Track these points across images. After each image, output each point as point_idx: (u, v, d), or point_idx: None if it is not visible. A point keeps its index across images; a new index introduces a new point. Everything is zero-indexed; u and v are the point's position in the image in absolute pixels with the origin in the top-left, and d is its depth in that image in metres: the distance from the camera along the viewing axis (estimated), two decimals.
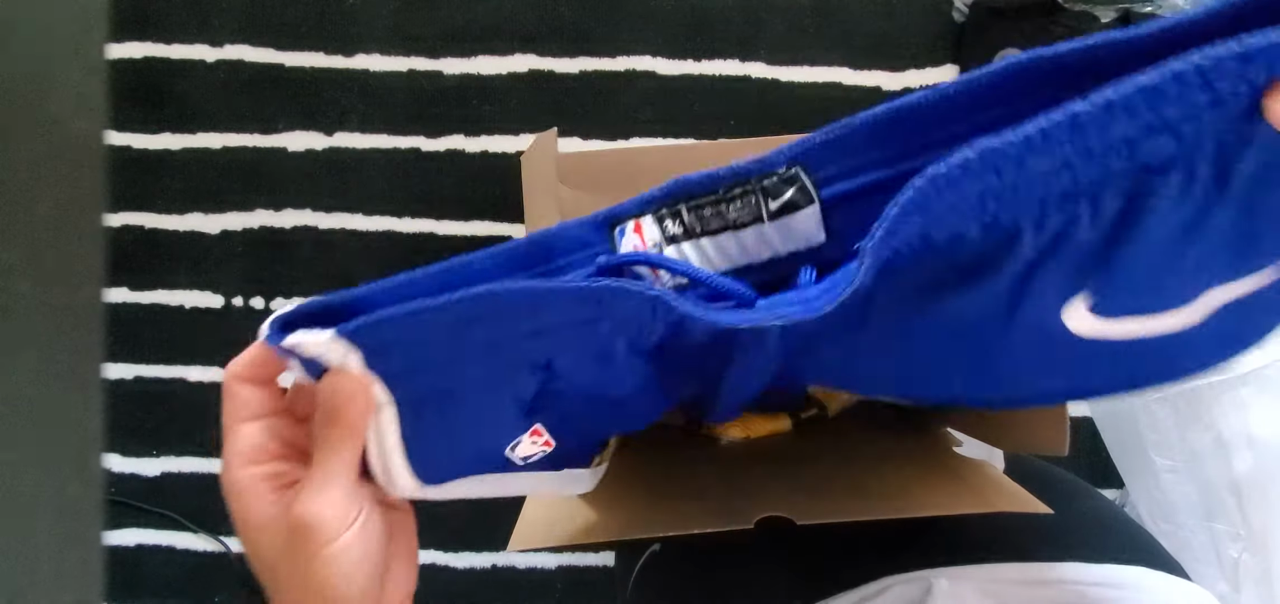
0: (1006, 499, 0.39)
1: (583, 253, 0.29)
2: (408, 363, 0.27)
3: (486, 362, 0.27)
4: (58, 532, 0.32)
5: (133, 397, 0.97)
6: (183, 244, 0.98)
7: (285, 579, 0.28)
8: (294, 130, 0.97)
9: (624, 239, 0.29)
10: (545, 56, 0.96)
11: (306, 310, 0.28)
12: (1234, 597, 0.71)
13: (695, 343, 0.29)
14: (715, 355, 0.32)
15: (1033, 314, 0.28)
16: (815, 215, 0.28)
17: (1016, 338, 0.29)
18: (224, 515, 1.01)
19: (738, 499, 0.42)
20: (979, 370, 0.32)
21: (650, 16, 0.96)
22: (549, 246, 0.29)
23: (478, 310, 0.25)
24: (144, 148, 0.97)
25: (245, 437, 0.28)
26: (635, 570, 0.53)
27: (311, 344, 0.27)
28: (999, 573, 0.39)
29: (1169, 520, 0.78)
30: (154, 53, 0.97)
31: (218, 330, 0.97)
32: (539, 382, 0.29)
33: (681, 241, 0.29)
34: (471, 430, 0.30)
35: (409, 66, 0.97)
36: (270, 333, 0.28)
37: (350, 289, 0.27)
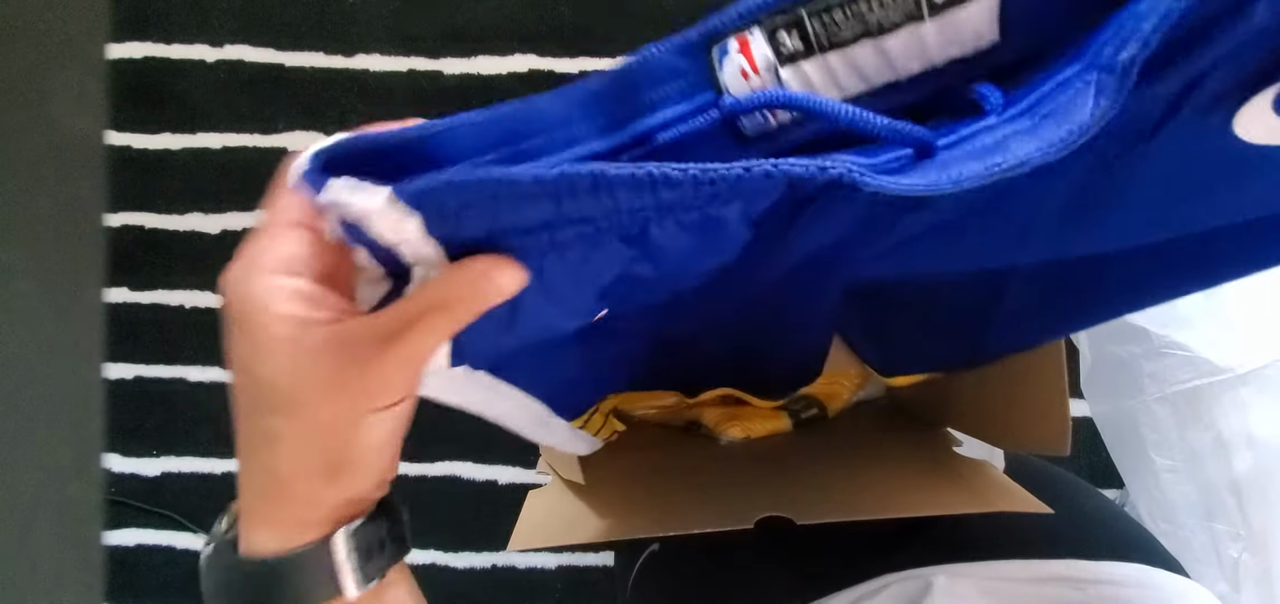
0: (1006, 499, 0.39)
1: (675, 84, 0.24)
2: (479, 231, 0.23)
3: (574, 241, 0.23)
4: (58, 532, 0.32)
5: (133, 397, 0.97)
6: (183, 244, 0.98)
7: (313, 423, 0.24)
8: (294, 130, 0.97)
9: (727, 63, 0.23)
10: (545, 56, 0.96)
11: (351, 148, 0.22)
12: (1234, 596, 0.71)
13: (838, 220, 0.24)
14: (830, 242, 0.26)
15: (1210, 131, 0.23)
16: (990, 3, 0.21)
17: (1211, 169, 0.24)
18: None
19: (738, 499, 0.42)
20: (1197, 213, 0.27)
21: (650, 16, 0.96)
22: (633, 82, 0.24)
23: (574, 188, 0.21)
24: (144, 148, 0.97)
25: (287, 243, 0.23)
26: (634, 570, 0.53)
27: (360, 204, 0.22)
28: (998, 570, 0.39)
29: (1169, 520, 0.78)
30: (154, 53, 0.97)
31: (218, 330, 0.97)
32: (626, 260, 0.24)
33: (802, 60, 0.23)
34: (535, 315, 0.25)
35: (409, 66, 0.97)
36: (308, 171, 0.23)
37: (401, 128, 0.22)
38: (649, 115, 0.24)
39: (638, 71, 0.23)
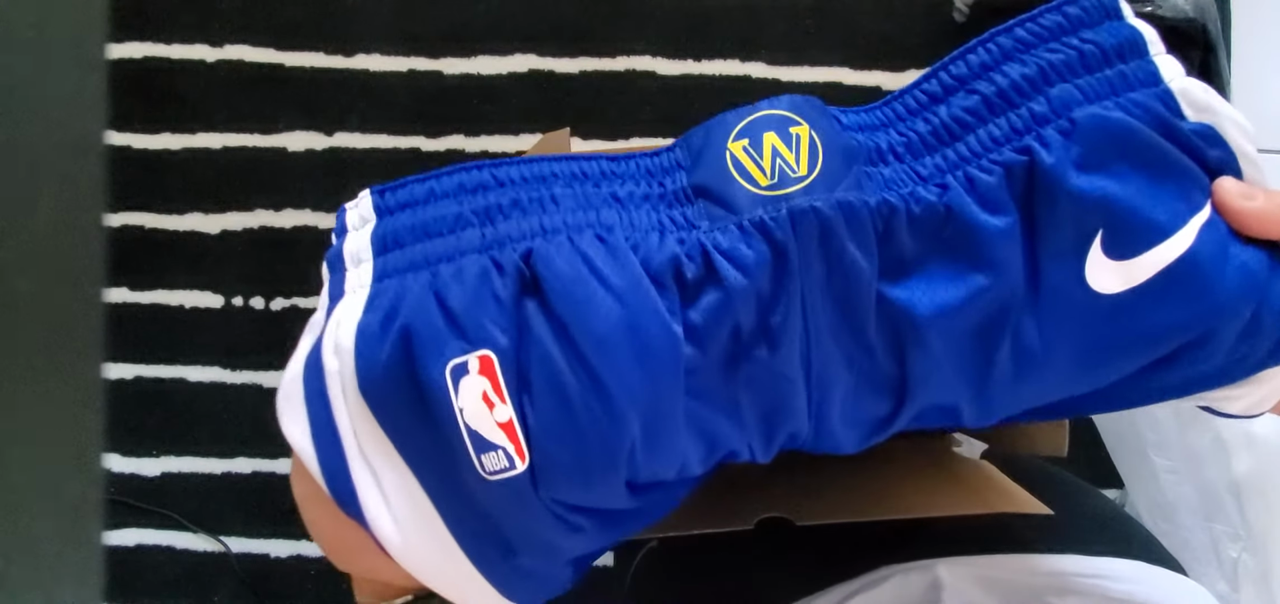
0: (1006, 500, 0.39)
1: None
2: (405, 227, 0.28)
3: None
4: (58, 532, 0.32)
5: (133, 397, 0.97)
6: (183, 244, 0.98)
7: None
8: (294, 130, 0.97)
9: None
10: (545, 56, 0.96)
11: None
12: (1233, 596, 0.71)
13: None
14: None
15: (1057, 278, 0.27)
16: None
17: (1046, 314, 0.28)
18: (224, 515, 1.01)
19: (737, 499, 0.42)
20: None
21: (650, 16, 0.96)
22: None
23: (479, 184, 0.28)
24: (144, 148, 0.97)
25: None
26: (633, 566, 0.53)
27: (360, 209, 0.29)
28: (997, 563, 0.39)
29: (1169, 520, 0.78)
30: (154, 53, 0.97)
31: (218, 330, 0.97)
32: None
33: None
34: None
35: (409, 66, 0.97)
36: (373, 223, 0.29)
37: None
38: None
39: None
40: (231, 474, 0.97)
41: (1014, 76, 0.28)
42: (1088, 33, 0.29)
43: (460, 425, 0.25)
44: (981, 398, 0.30)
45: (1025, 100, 0.28)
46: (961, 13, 0.94)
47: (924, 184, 0.28)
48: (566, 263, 0.26)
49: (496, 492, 0.26)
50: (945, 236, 0.27)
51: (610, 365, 0.25)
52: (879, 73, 0.96)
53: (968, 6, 0.93)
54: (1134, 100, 0.27)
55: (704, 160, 0.28)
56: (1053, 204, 0.27)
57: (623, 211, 0.28)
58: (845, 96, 0.96)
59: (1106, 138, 0.27)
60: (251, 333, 0.97)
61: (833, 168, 0.27)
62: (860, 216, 0.26)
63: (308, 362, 0.27)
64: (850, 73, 0.96)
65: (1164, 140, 0.27)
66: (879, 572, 0.40)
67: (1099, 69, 0.28)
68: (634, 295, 0.26)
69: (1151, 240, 0.27)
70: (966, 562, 0.39)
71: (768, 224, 0.26)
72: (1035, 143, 0.27)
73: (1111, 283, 0.27)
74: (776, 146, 0.27)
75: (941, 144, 0.28)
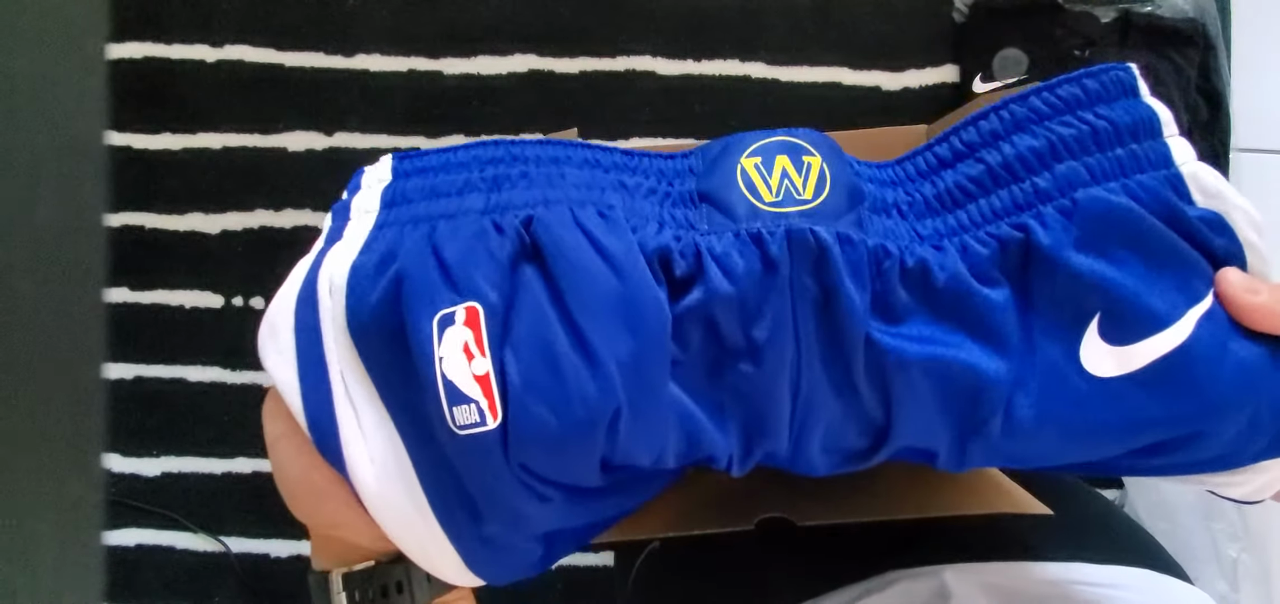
0: (1006, 500, 0.39)
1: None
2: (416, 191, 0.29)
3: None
4: (58, 532, 0.32)
5: (133, 397, 0.97)
6: (183, 244, 0.98)
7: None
8: (294, 130, 0.97)
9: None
10: (545, 56, 0.96)
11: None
12: (1233, 597, 0.71)
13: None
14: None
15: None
16: None
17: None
18: (224, 515, 1.01)
19: (738, 500, 0.42)
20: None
21: (650, 16, 0.96)
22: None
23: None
24: (144, 148, 0.97)
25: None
26: (635, 568, 0.53)
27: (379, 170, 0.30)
28: (1002, 571, 0.39)
29: (1168, 520, 0.78)
30: (154, 53, 0.97)
31: (218, 330, 0.97)
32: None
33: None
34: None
35: (409, 66, 0.97)
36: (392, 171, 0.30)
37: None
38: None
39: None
40: (231, 474, 0.97)
41: (1021, 149, 0.28)
42: (1103, 108, 0.28)
43: (437, 374, 0.25)
44: (961, 452, 0.30)
45: (1030, 174, 0.28)
46: (961, 13, 0.94)
47: (922, 243, 0.28)
48: (566, 231, 0.26)
49: (466, 447, 0.26)
50: (938, 297, 0.28)
51: (601, 331, 0.25)
52: (879, 73, 0.96)
53: (967, 6, 0.93)
54: (1141, 183, 0.27)
55: (715, 170, 0.29)
56: (1051, 280, 0.27)
57: (627, 197, 0.28)
58: (845, 96, 0.96)
59: (1107, 221, 0.27)
60: (252, 333, 0.95)
61: (837, 201, 0.27)
62: (857, 252, 0.27)
63: (301, 295, 0.28)
64: (850, 73, 0.96)
65: (1166, 228, 0.27)
66: (884, 576, 0.40)
67: (1110, 147, 0.28)
68: (629, 266, 0.26)
69: (1148, 329, 0.27)
70: (973, 568, 0.39)
71: (764, 237, 0.27)
72: (1033, 221, 0.27)
73: (1106, 366, 0.27)
74: (787, 169, 0.28)
75: (944, 209, 0.29)
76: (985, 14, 0.91)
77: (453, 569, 0.29)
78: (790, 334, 0.27)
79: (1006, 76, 0.89)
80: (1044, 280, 0.27)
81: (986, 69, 0.90)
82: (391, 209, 0.28)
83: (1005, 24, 0.90)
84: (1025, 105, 0.29)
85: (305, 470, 0.28)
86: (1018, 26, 0.89)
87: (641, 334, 0.26)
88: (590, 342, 0.25)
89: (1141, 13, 0.85)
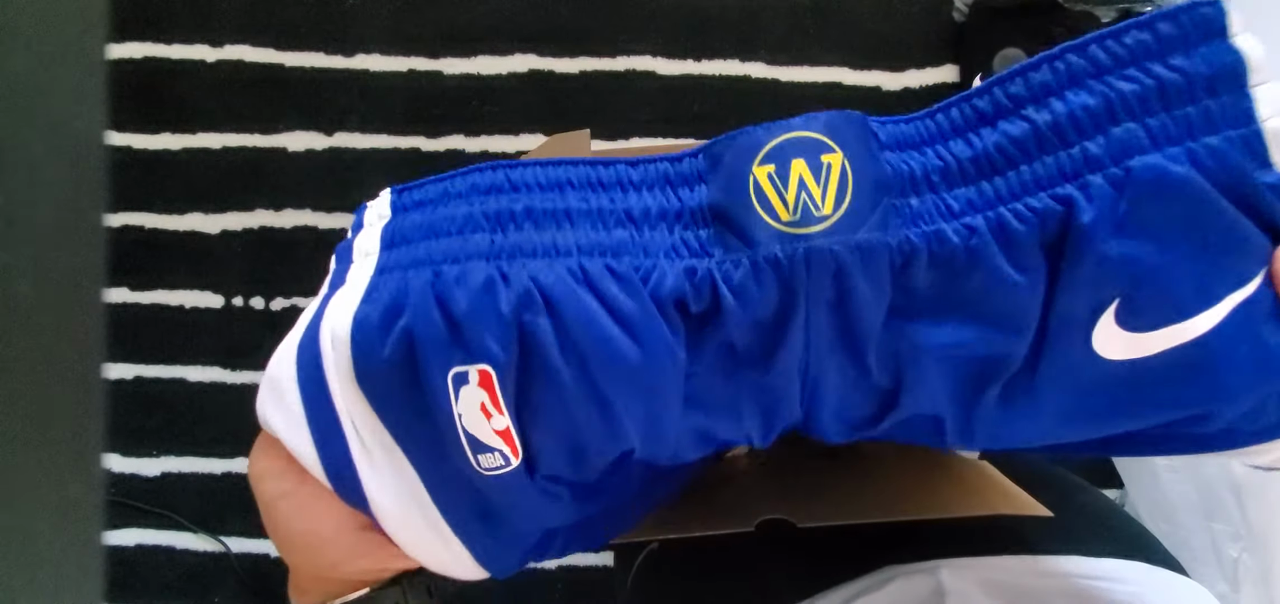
0: (1006, 501, 0.39)
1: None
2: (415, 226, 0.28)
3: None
4: (58, 532, 0.32)
5: (133, 397, 0.97)
6: (183, 244, 0.98)
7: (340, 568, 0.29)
8: (294, 130, 0.97)
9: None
10: (545, 56, 0.96)
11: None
12: (1233, 596, 0.71)
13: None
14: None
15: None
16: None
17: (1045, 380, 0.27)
18: (224, 515, 1.01)
19: (738, 501, 0.42)
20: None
21: (650, 16, 0.96)
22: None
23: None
24: (144, 148, 0.97)
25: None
26: (634, 568, 0.53)
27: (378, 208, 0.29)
28: (1000, 565, 0.39)
29: (1168, 520, 0.78)
30: (154, 53, 0.97)
31: (218, 330, 0.97)
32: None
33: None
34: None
35: (409, 66, 0.97)
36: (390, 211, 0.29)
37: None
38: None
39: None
40: (231, 474, 0.97)
41: (1074, 106, 0.25)
42: (1178, 58, 0.25)
43: (459, 429, 0.26)
44: (967, 423, 0.29)
45: (1081, 138, 0.25)
46: (961, 12, 0.94)
47: (952, 220, 0.26)
48: (580, 295, 0.25)
49: (491, 483, 0.27)
50: (962, 280, 0.26)
51: (621, 398, 0.26)
52: (879, 73, 0.96)
53: (967, 6, 0.93)
54: (1210, 147, 0.24)
55: (726, 179, 0.26)
56: (1077, 266, 0.25)
57: (636, 233, 0.27)
58: (845, 97, 0.96)
59: (1159, 196, 0.24)
60: (251, 333, 0.97)
61: (860, 205, 0.25)
62: (878, 257, 0.25)
63: (301, 348, 0.27)
64: (850, 73, 0.96)
65: (1226, 203, 0.24)
66: (882, 573, 0.40)
67: (1179, 105, 0.25)
68: (646, 332, 0.26)
69: (1169, 318, 0.25)
70: (969, 563, 0.39)
71: (781, 262, 0.25)
72: (1078, 193, 0.25)
73: (1116, 350, 0.26)
74: (804, 178, 0.26)
75: (980, 175, 0.26)
76: (985, 14, 0.91)
77: (467, 569, 0.30)
78: (802, 333, 0.27)
79: None
80: (1072, 264, 0.25)
81: (986, 69, 0.90)
82: (392, 250, 0.27)
83: (1005, 24, 0.90)
84: (1084, 55, 0.25)
85: (310, 524, 0.29)
86: (1018, 26, 0.89)
87: (659, 395, 0.27)
88: (610, 403, 0.26)
89: (1141, 13, 0.85)
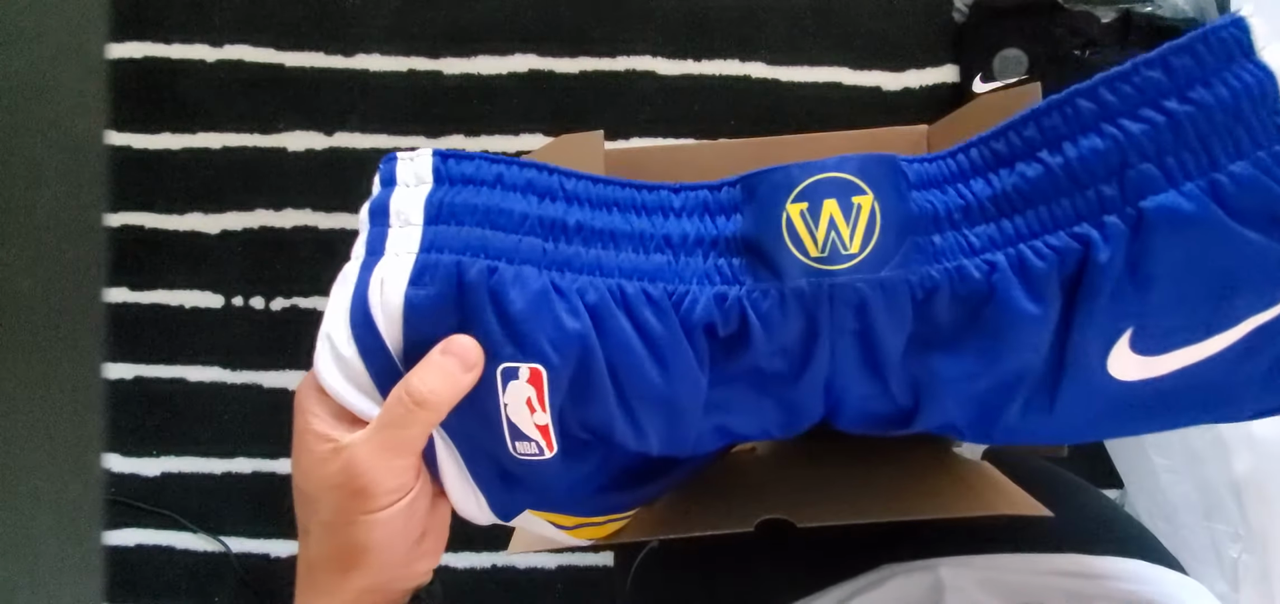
0: (1006, 501, 0.39)
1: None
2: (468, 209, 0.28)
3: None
4: (58, 532, 0.32)
5: (133, 397, 0.97)
6: (183, 244, 0.98)
7: (323, 520, 0.28)
8: (294, 130, 0.97)
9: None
10: (545, 56, 0.96)
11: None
12: (1233, 596, 0.71)
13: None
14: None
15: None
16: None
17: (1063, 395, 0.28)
18: (224, 515, 1.01)
19: (738, 501, 0.42)
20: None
21: (650, 16, 0.96)
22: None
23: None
24: (144, 148, 0.97)
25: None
26: (634, 567, 0.53)
27: (417, 162, 0.28)
28: (998, 562, 0.39)
29: (1168, 520, 0.78)
30: (154, 53, 0.97)
31: (218, 330, 0.97)
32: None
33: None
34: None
35: (409, 66, 0.97)
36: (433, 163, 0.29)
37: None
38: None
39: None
40: (231, 474, 0.97)
41: (1085, 151, 0.25)
42: (1198, 90, 0.24)
43: (502, 416, 0.28)
44: (984, 428, 0.31)
45: (1095, 181, 0.25)
46: (961, 13, 0.94)
47: (973, 256, 0.27)
48: (618, 317, 0.28)
49: (522, 464, 0.30)
50: (982, 313, 0.27)
51: (646, 412, 0.29)
52: (879, 73, 0.96)
53: (967, 6, 0.93)
54: (1233, 175, 0.24)
55: (760, 212, 0.28)
56: (1094, 301, 0.26)
57: (673, 259, 0.29)
58: (845, 96, 0.96)
59: (1172, 234, 0.24)
60: (251, 333, 0.97)
61: (886, 244, 0.27)
62: (899, 292, 0.27)
63: (354, 317, 0.27)
64: (850, 73, 0.96)
65: (1246, 230, 0.24)
66: (881, 571, 0.40)
67: (1198, 138, 0.24)
68: (673, 358, 0.28)
69: (1182, 342, 0.26)
70: (968, 561, 0.39)
71: (806, 296, 0.27)
72: (1094, 232, 0.25)
73: (1131, 372, 0.27)
74: (834, 217, 0.27)
75: (1000, 214, 0.27)
76: (985, 14, 0.91)
77: (479, 513, 0.32)
78: (827, 356, 0.28)
79: (1006, 76, 0.89)
80: (1088, 298, 0.26)
81: (986, 69, 0.90)
82: (439, 225, 0.28)
83: (1005, 24, 0.90)
84: (1093, 99, 0.25)
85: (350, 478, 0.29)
86: (1018, 26, 0.89)
87: (678, 412, 0.30)
88: (639, 420, 0.29)
89: (1142, 13, 0.85)
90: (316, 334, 0.28)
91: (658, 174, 0.34)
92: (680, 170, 0.64)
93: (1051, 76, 0.85)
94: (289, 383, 0.96)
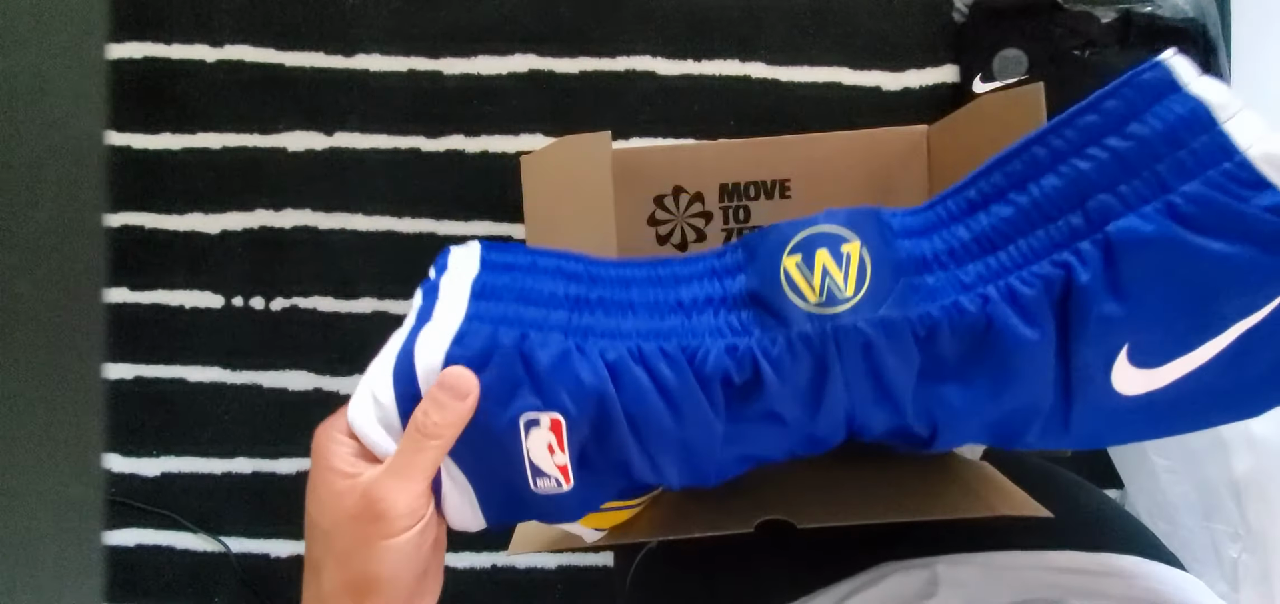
0: (1006, 502, 0.40)
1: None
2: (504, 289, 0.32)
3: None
4: (58, 532, 0.32)
5: (133, 397, 0.97)
6: (183, 244, 0.98)
7: (338, 552, 0.29)
8: (294, 130, 0.97)
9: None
10: (545, 56, 0.96)
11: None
12: (1233, 596, 0.71)
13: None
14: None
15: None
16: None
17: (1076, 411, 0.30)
18: (224, 515, 1.01)
19: (738, 502, 0.42)
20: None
21: (650, 16, 0.96)
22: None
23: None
24: (144, 148, 0.97)
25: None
26: (633, 566, 0.53)
27: (469, 257, 0.32)
28: (997, 560, 0.39)
29: (1168, 520, 0.78)
30: (154, 53, 0.97)
31: (218, 330, 0.97)
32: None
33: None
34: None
35: (409, 66, 0.97)
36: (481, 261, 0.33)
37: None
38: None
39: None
40: (231, 474, 0.97)
41: (1048, 190, 0.28)
42: (1133, 126, 0.27)
43: (526, 458, 0.30)
44: (1002, 442, 0.33)
45: (1063, 213, 0.28)
46: (961, 13, 0.94)
47: (967, 292, 0.29)
48: (635, 371, 0.30)
49: (539, 498, 0.32)
50: (983, 344, 0.29)
51: (665, 457, 0.32)
52: (878, 73, 0.96)
53: (967, 6, 0.93)
54: (1188, 196, 0.26)
55: (761, 269, 0.31)
56: (1083, 322, 0.28)
57: (685, 319, 0.31)
58: (845, 96, 0.96)
59: (1139, 254, 0.26)
60: (251, 333, 0.97)
61: (880, 285, 0.29)
62: (901, 331, 0.29)
63: (397, 371, 0.30)
64: (850, 73, 0.96)
65: (1209, 242, 0.25)
66: (879, 569, 0.40)
67: (1145, 165, 0.26)
68: (687, 406, 0.30)
69: (1174, 353, 0.28)
70: (966, 559, 0.39)
71: (812, 339, 0.29)
72: (1073, 259, 0.27)
73: (1135, 386, 0.29)
74: (827, 266, 0.30)
75: (984, 251, 0.30)
76: (985, 14, 0.91)
77: (473, 522, 0.33)
78: (843, 392, 0.30)
79: (1006, 76, 0.89)
80: (1080, 320, 0.28)
81: (986, 69, 0.90)
82: (481, 301, 0.31)
83: (1005, 24, 0.90)
84: (1044, 144, 0.29)
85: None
86: (1018, 26, 0.89)
87: (694, 452, 0.32)
88: (657, 462, 0.32)
89: (1142, 13, 0.85)
90: (316, 334, 0.30)
91: (658, 173, 0.36)
92: (680, 170, 0.64)
93: (1051, 77, 0.84)
94: (289, 383, 0.96)
